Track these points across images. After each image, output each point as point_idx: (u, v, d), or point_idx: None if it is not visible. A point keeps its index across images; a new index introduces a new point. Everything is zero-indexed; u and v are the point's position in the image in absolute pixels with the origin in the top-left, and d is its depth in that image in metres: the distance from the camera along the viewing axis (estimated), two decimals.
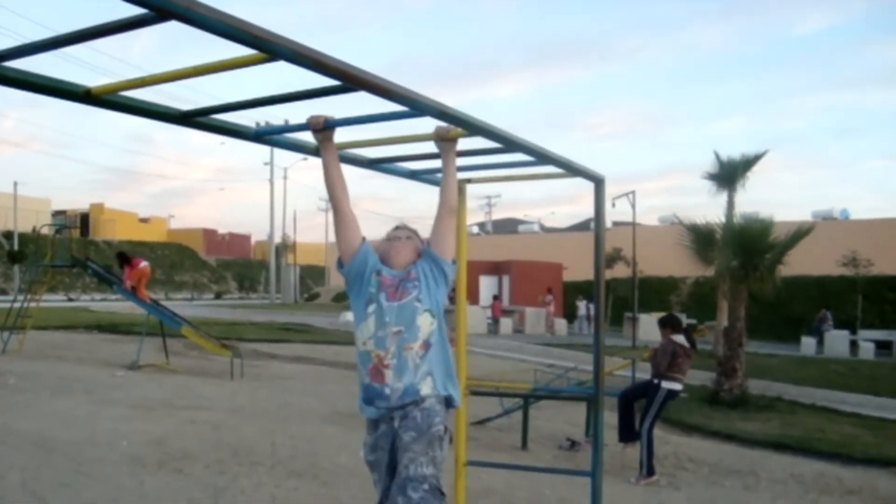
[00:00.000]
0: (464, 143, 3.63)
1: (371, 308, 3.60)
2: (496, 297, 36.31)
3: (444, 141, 3.54)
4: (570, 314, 38.90)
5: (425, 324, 3.58)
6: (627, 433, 9.12)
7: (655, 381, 8.90)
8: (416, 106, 2.65)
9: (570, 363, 16.70)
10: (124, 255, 18.44)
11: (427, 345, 3.58)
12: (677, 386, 8.92)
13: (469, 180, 4.55)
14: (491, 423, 11.09)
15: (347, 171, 3.43)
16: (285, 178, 68.54)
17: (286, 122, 3.62)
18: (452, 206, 3.68)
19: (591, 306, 36.57)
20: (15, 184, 56.69)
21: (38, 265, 20.46)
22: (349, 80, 2.31)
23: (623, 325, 32.75)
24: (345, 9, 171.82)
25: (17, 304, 18.68)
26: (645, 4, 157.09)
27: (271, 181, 64.35)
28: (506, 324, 33.53)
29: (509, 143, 3.30)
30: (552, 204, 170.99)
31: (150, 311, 16.90)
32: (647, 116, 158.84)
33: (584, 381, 12.53)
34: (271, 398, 12.23)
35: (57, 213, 67.51)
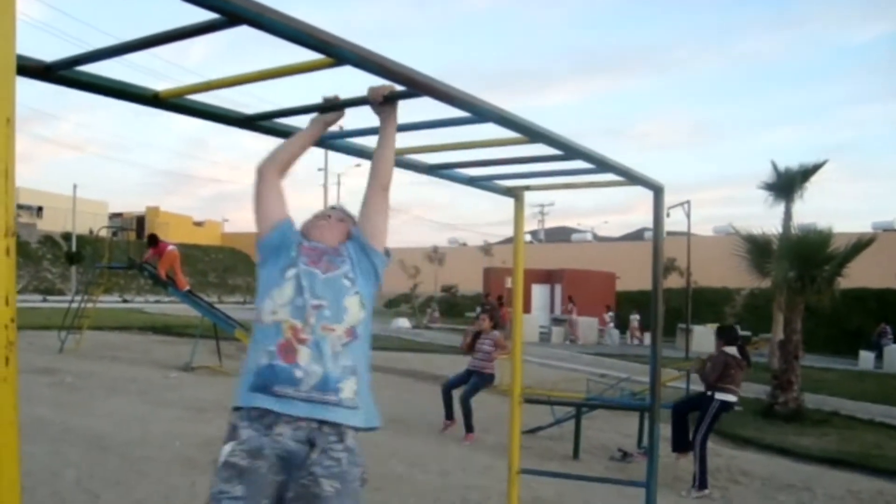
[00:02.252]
0: (522, 151, 3.60)
1: (291, 272, 2.84)
2: (500, 303, 36.20)
3: (383, 104, 2.86)
4: (622, 324, 38.56)
5: (354, 307, 2.83)
6: (680, 443, 9.04)
7: (709, 393, 8.81)
8: (478, 112, 2.65)
9: (622, 373, 16.60)
10: (155, 238, 18.67)
11: (353, 333, 2.80)
12: (731, 398, 8.82)
13: (528, 187, 4.54)
14: (542, 432, 11.04)
15: (406, 175, 3.28)
16: (339, 183, 68.98)
17: (340, 127, 3.60)
18: (386, 182, 3.02)
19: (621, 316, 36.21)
20: (74, 186, 57.60)
21: (96, 267, 20.80)
22: (413, 85, 2.32)
23: (676, 336, 32.43)
24: (398, 14, 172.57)
25: (74, 305, 19.00)
26: (697, 13, 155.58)
27: (325, 186, 64.71)
28: (557, 332, 33.45)
29: (570, 151, 3.28)
30: (605, 213, 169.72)
31: (203, 314, 17.09)
32: (700, 126, 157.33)
33: (637, 391, 12.43)
34: None
35: (113, 216, 68.47)
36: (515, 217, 4.65)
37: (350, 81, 2.91)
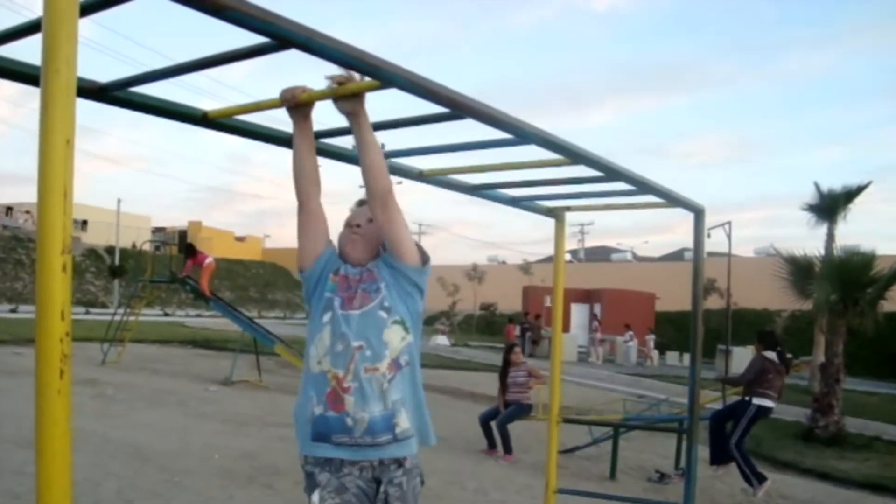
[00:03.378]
0: (563, 172, 3.61)
1: (327, 317, 2.84)
2: (511, 320, 36.41)
3: (346, 100, 2.55)
4: (661, 345, 38.31)
5: (395, 338, 2.79)
6: (719, 455, 8.99)
7: (746, 398, 8.77)
8: (522, 133, 2.67)
9: (661, 394, 16.52)
10: (192, 247, 18.92)
11: (397, 365, 2.79)
12: (769, 403, 8.76)
13: (568, 208, 4.56)
14: (579, 452, 11.00)
15: (447, 194, 3.12)
16: None
17: (382, 146, 3.58)
18: (383, 192, 2.77)
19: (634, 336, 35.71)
20: (118, 201, 58.22)
21: (139, 280, 21.06)
22: (459, 107, 2.35)
23: (715, 357, 32.14)
24: (439, 32, 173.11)
25: (116, 318, 19.22)
26: (741, 30, 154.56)
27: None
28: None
29: (611, 172, 3.29)
30: (645, 233, 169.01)
31: (244, 329, 17.19)
32: (742, 145, 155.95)
33: (675, 413, 12.37)
34: None
35: (156, 230, 69.22)
36: (556, 238, 4.67)
37: (384, 100, 2.95)
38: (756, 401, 8.69)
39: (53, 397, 1.40)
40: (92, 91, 2.27)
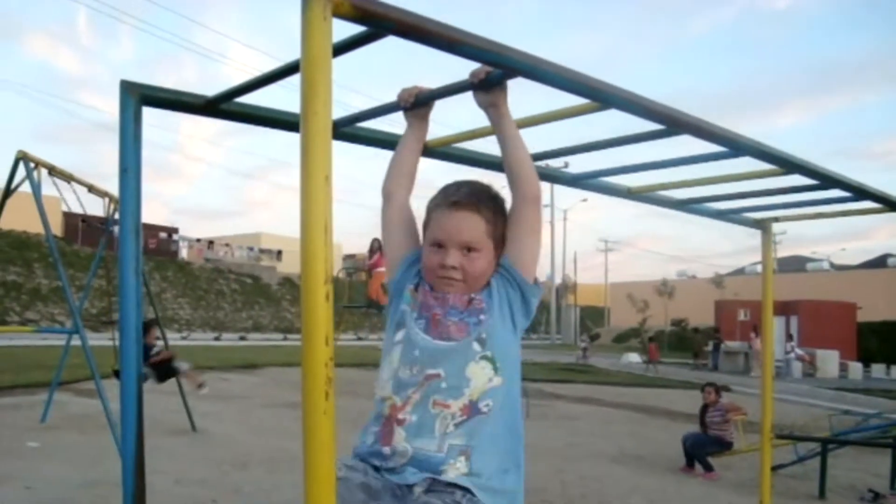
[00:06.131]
0: (772, 182, 3.52)
1: (400, 335, 2.36)
2: (651, 339, 35.49)
3: (489, 91, 2.19)
4: (864, 357, 36.56)
5: (479, 377, 2.23)
6: None
7: None
8: (737, 146, 2.64)
9: (868, 409, 15.79)
10: (379, 242, 18.86)
11: (473, 409, 2.22)
12: None
13: (776, 219, 4.44)
14: (783, 470, 10.64)
15: (633, 210, 2.94)
16: (565, 219, 69.32)
17: (566, 164, 3.48)
18: (535, 192, 2.32)
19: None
20: None
21: (338, 306, 21.76)
22: (676, 124, 2.35)
23: None
24: (617, 43, 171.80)
25: None
26: None
27: (552, 223, 65.14)
28: (795, 367, 32.25)
29: (827, 180, 3.20)
30: (840, 239, 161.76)
31: None
32: None
33: (889, 429, 11.78)
34: (559, 437, 12.35)
35: (347, 257, 71.26)
36: (763, 249, 4.56)
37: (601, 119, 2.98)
38: None
39: (320, 419, 1.48)
40: None
